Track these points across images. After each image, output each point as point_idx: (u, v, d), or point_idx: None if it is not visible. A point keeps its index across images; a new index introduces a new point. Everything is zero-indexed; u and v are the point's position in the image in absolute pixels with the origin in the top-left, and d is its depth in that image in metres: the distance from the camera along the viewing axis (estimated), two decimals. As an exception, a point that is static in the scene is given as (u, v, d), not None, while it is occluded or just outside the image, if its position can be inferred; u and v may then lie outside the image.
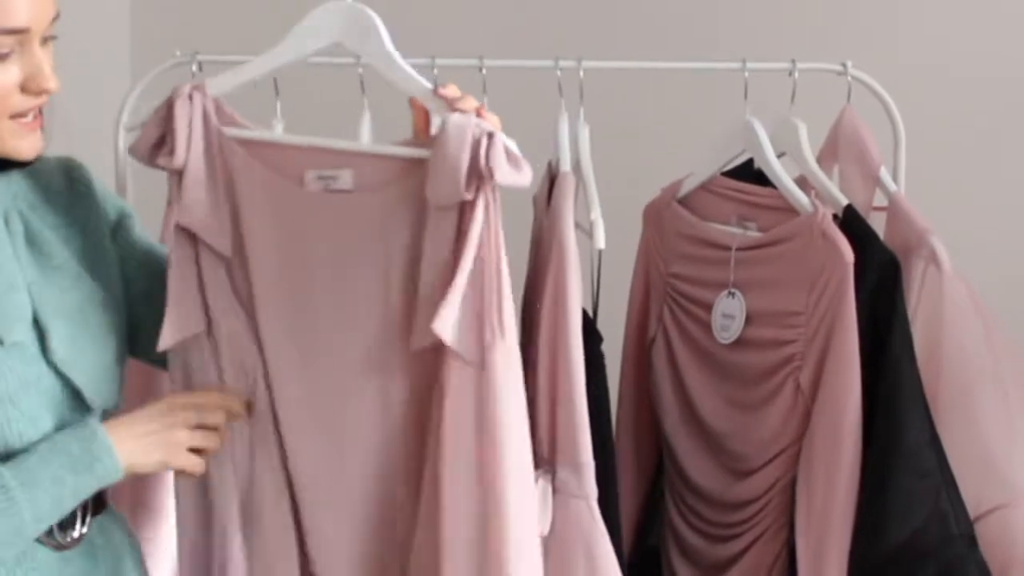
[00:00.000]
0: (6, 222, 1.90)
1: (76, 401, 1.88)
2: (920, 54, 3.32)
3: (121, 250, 2.05)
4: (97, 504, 1.93)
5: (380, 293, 2.00)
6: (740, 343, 2.48)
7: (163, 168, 2.01)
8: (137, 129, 2.08)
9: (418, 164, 1.96)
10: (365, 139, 2.49)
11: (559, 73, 2.52)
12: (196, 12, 3.54)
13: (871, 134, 2.56)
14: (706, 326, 2.54)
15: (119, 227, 2.06)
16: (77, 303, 1.92)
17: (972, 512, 2.34)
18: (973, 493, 2.35)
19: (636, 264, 2.69)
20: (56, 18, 1.86)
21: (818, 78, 2.61)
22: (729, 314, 2.50)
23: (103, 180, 2.10)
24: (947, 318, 2.38)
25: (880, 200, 2.55)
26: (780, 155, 2.52)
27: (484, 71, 2.50)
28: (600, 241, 2.30)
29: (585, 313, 2.33)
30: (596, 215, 2.33)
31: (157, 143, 2.01)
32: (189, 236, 2.03)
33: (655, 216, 2.66)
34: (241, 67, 2.07)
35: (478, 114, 1.95)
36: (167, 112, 1.99)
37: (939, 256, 2.38)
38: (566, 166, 2.43)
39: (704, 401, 2.55)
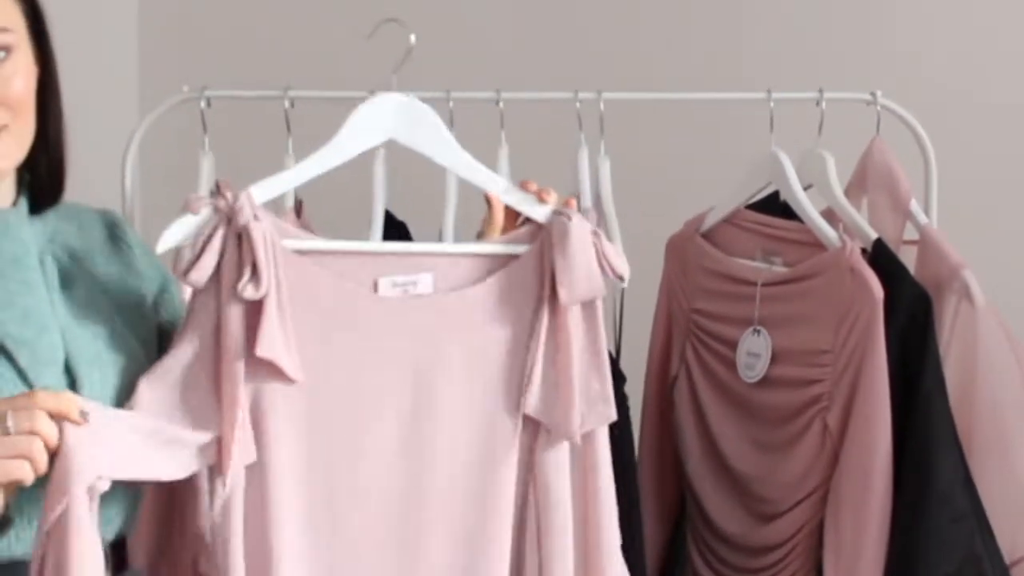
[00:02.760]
0: (41, 263, 1.91)
1: None
2: (951, 83, 3.32)
3: (161, 319, 2.04)
4: (117, 567, 1.92)
5: (469, 396, 1.94)
6: (766, 382, 2.48)
7: (243, 298, 1.82)
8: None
9: (505, 259, 1.94)
10: (379, 174, 2.49)
11: (579, 105, 2.53)
12: (204, 47, 3.56)
13: (901, 165, 2.56)
14: (731, 364, 2.54)
15: (162, 295, 2.04)
16: (111, 355, 1.90)
17: (1008, 557, 2.34)
18: (1009, 537, 2.34)
19: (658, 300, 2.69)
20: (1, 32, 1.84)
21: (846, 108, 2.61)
22: (754, 352, 2.49)
23: (144, 240, 2.07)
24: (981, 355, 2.37)
25: (911, 233, 2.54)
26: (807, 187, 2.52)
27: (501, 104, 2.50)
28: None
29: (608, 353, 2.32)
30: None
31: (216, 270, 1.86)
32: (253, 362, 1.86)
33: (678, 251, 2.66)
34: (287, 173, 1.98)
35: (566, 203, 1.98)
36: (238, 238, 1.84)
37: (972, 291, 2.37)
38: (587, 201, 2.44)
39: (728, 442, 2.55)
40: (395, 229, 2.50)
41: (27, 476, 1.68)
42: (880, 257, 2.38)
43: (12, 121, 1.84)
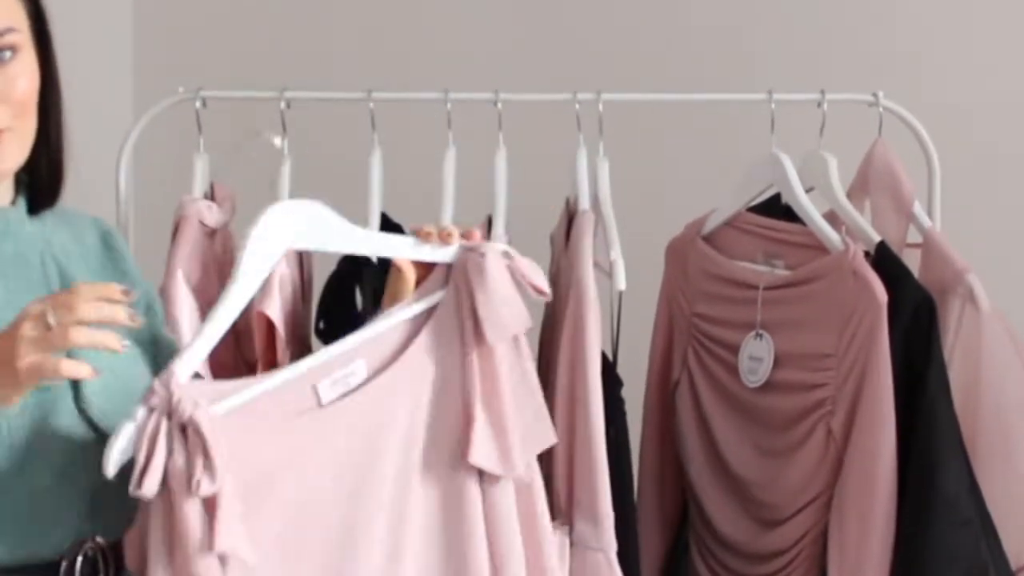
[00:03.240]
0: (42, 264, 1.90)
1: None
2: (954, 83, 3.31)
3: (152, 328, 2.02)
4: (118, 567, 1.91)
5: (428, 460, 1.90)
6: (768, 387, 2.46)
7: (189, 498, 1.70)
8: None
9: (425, 316, 1.90)
10: (375, 177, 2.48)
11: (577, 107, 2.51)
12: (199, 48, 3.55)
13: (904, 168, 2.55)
14: (732, 369, 2.53)
15: (150, 310, 2.03)
16: (111, 359, 1.90)
17: (1014, 563, 2.33)
18: (1015, 543, 2.33)
19: (659, 304, 2.68)
20: (7, 32, 1.83)
21: (848, 109, 2.60)
22: (757, 356, 2.48)
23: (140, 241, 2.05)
24: (985, 360, 2.36)
25: (914, 236, 2.53)
26: (809, 190, 2.51)
27: (499, 105, 2.49)
28: (621, 282, 2.30)
29: (604, 357, 2.32)
30: (616, 254, 2.32)
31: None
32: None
33: (678, 254, 2.65)
34: (203, 338, 1.78)
35: (468, 236, 1.92)
36: (193, 429, 1.70)
37: (977, 295, 2.36)
38: (585, 203, 2.43)
39: (730, 447, 2.54)
40: (392, 232, 2.48)
41: (75, 371, 1.68)
42: (883, 260, 2.37)
43: (16, 122, 1.85)
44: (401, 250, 1.92)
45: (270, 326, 2.29)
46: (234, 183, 2.51)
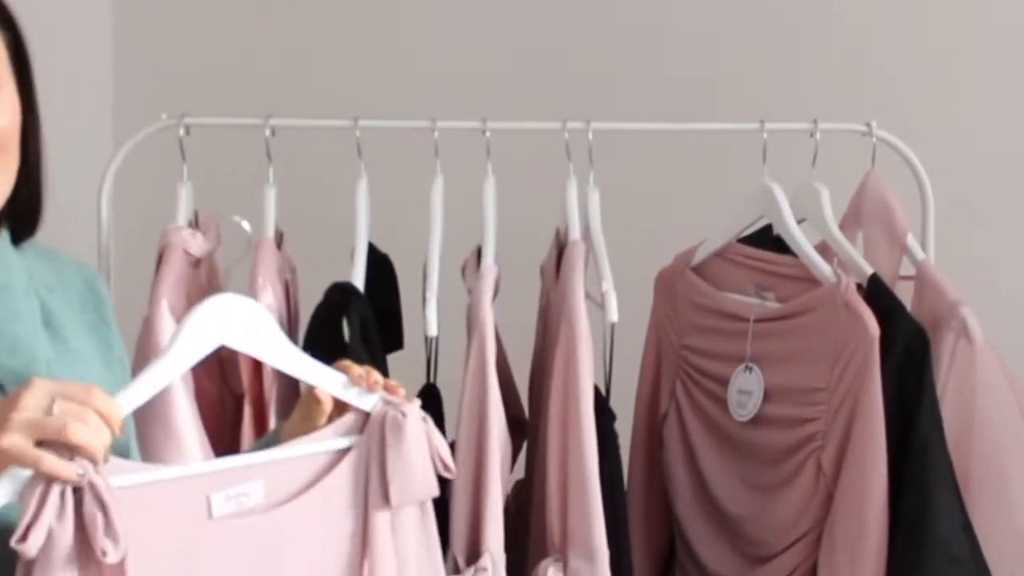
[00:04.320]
0: (26, 295, 1.89)
1: None
2: (949, 113, 3.31)
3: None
4: None
5: None
6: (758, 421, 2.46)
7: (108, 563, 1.60)
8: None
9: (334, 454, 1.82)
10: (362, 206, 2.47)
11: (567, 135, 2.51)
12: (181, 73, 3.54)
13: (897, 199, 2.55)
14: (721, 402, 2.52)
15: (122, 365, 2.00)
16: None
17: (1007, 602, 2.32)
18: (1008, 581, 2.33)
19: (647, 336, 2.68)
20: None
21: (841, 139, 2.60)
22: (746, 390, 2.48)
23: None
24: (979, 395, 2.36)
25: (907, 269, 2.53)
26: (800, 221, 2.51)
27: (488, 133, 2.49)
28: (613, 314, 2.29)
29: (597, 390, 2.31)
30: (608, 286, 2.32)
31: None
32: None
33: (668, 285, 2.64)
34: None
35: (390, 389, 1.85)
36: (89, 490, 1.60)
37: (970, 329, 2.36)
38: (575, 234, 2.43)
39: (719, 482, 2.53)
40: (378, 262, 2.48)
41: (59, 471, 1.57)
42: (876, 293, 2.37)
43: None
44: (328, 383, 1.84)
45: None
46: (219, 212, 2.51)
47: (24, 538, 1.55)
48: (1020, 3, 3.31)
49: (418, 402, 1.82)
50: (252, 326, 1.77)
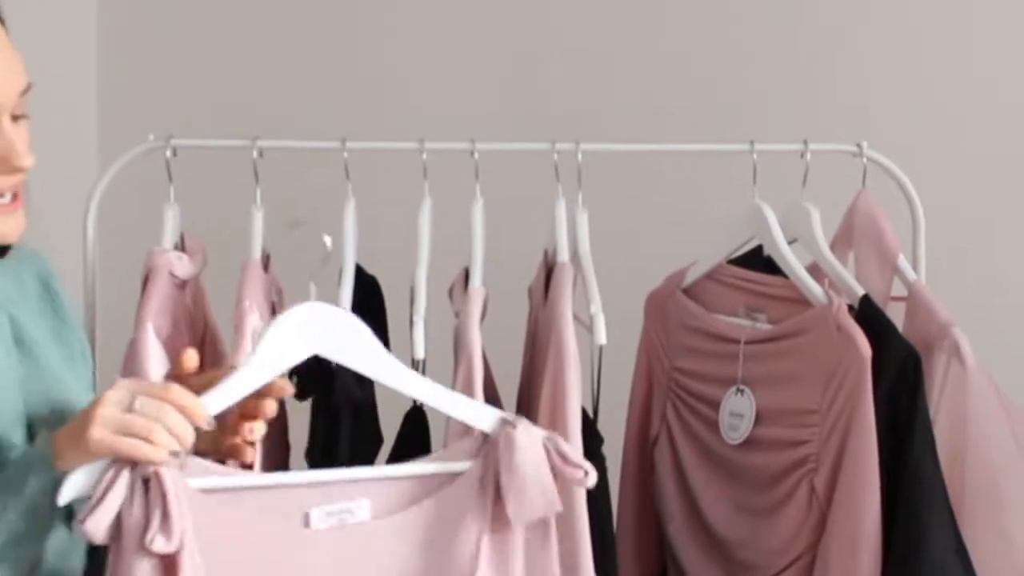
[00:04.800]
0: None
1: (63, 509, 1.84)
2: (939, 134, 3.32)
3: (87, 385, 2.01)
4: None
5: None
6: (749, 443, 2.46)
7: (156, 550, 1.67)
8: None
9: (444, 478, 1.83)
10: (349, 228, 2.47)
11: (556, 156, 2.50)
12: (168, 94, 3.54)
13: (888, 219, 2.55)
14: (713, 425, 2.52)
15: (85, 359, 2.01)
16: (60, 409, 1.88)
17: (1002, 625, 2.32)
18: (1004, 605, 2.32)
19: (638, 358, 2.67)
20: (27, 91, 1.83)
21: (831, 160, 2.60)
22: (738, 412, 2.48)
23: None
24: (972, 417, 2.36)
25: (899, 290, 2.53)
26: (791, 242, 2.51)
27: (476, 155, 2.48)
28: (601, 336, 2.29)
29: (585, 413, 2.31)
30: (596, 308, 2.31)
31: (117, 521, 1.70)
32: None
33: (658, 307, 2.64)
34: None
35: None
36: (145, 484, 1.68)
37: (962, 350, 2.35)
38: (564, 255, 2.42)
39: (711, 506, 2.52)
40: (365, 284, 2.47)
41: (144, 454, 1.66)
42: (867, 314, 2.37)
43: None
44: (437, 400, 1.86)
45: None
46: (205, 235, 2.50)
47: (85, 520, 1.64)
48: (1011, 26, 3.31)
49: (533, 426, 1.83)
50: (341, 335, 1.79)
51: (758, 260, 2.57)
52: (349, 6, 3.57)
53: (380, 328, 2.52)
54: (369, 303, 2.46)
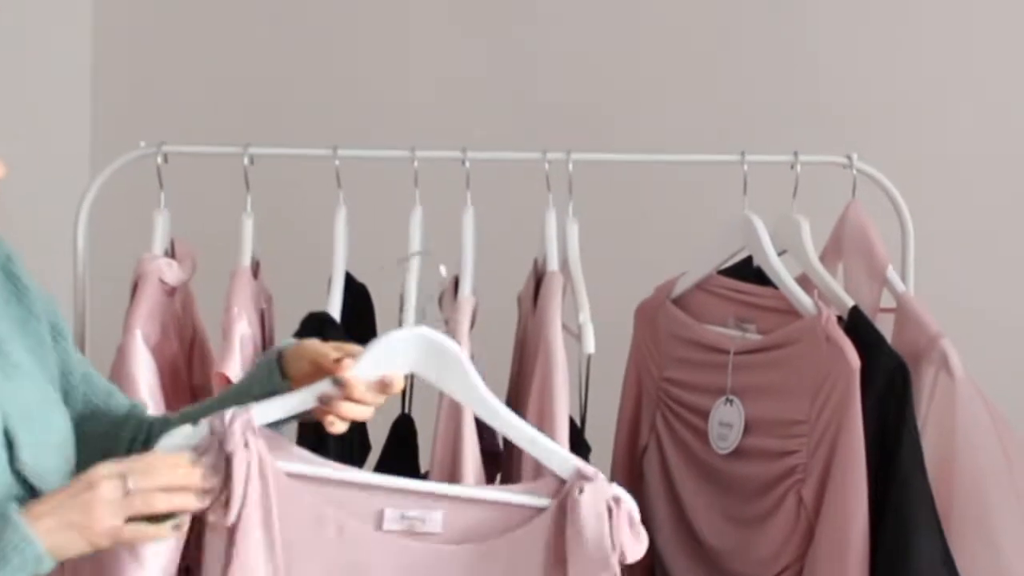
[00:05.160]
0: None
1: None
2: (928, 145, 3.33)
3: (61, 357, 2.01)
4: None
5: None
6: (738, 453, 2.46)
7: (210, 523, 1.84)
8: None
9: (520, 511, 1.89)
10: (340, 235, 2.47)
11: (547, 166, 2.51)
12: (159, 101, 3.54)
13: (877, 231, 2.55)
14: (702, 435, 2.52)
15: (58, 332, 1.99)
16: (34, 405, 1.87)
17: (989, 637, 2.32)
18: (991, 616, 2.32)
19: (627, 368, 2.67)
20: None
21: (821, 171, 2.60)
22: (727, 422, 2.48)
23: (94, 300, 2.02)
24: (960, 428, 2.36)
25: (888, 301, 2.53)
26: (781, 253, 2.51)
27: (467, 163, 2.49)
28: (590, 345, 2.29)
29: (572, 422, 2.31)
30: (585, 317, 2.31)
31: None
32: None
33: (648, 317, 2.64)
34: (292, 395, 1.87)
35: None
36: (225, 466, 1.82)
37: (951, 362, 2.36)
38: (553, 264, 2.42)
39: (700, 515, 2.52)
40: (355, 292, 2.48)
41: (149, 537, 1.77)
42: (856, 325, 2.37)
43: None
44: (521, 437, 1.92)
45: (230, 386, 2.27)
46: (196, 241, 2.50)
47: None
48: (1000, 39, 3.32)
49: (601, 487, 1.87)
50: (443, 361, 1.86)
51: (748, 271, 2.57)
52: (341, 16, 3.57)
53: (369, 336, 2.52)
54: (358, 311, 2.47)
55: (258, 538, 1.82)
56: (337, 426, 1.86)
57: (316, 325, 2.35)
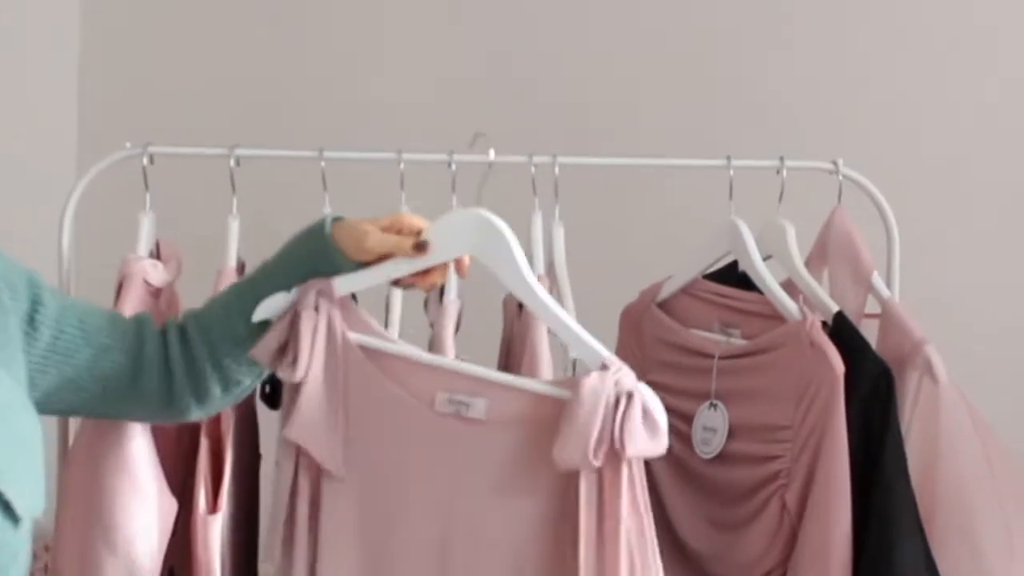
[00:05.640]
0: None
1: (5, 513, 1.85)
2: (915, 151, 3.34)
3: (51, 329, 2.01)
4: None
5: (502, 551, 1.99)
6: (722, 458, 2.47)
7: (282, 378, 2.04)
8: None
9: (556, 404, 1.94)
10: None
11: (533, 169, 2.51)
12: (145, 101, 3.54)
13: (863, 236, 2.56)
14: (686, 439, 2.53)
15: (37, 306, 2.00)
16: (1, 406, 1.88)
17: (972, 644, 2.32)
18: (974, 622, 2.33)
19: (613, 372, 2.67)
20: None
21: (807, 176, 2.61)
22: (711, 427, 2.48)
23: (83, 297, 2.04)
24: (943, 434, 2.36)
25: (872, 307, 2.54)
26: (766, 258, 2.52)
27: (453, 167, 2.49)
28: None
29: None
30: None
31: (280, 348, 2.03)
32: (297, 448, 2.05)
33: (633, 321, 2.65)
34: (372, 271, 2.04)
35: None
36: (292, 321, 2.02)
37: (935, 368, 2.37)
38: (539, 268, 2.42)
39: (683, 520, 2.53)
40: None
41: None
42: (841, 331, 2.38)
43: None
44: (557, 326, 2.02)
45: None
46: (182, 242, 2.50)
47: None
48: (986, 42, 3.33)
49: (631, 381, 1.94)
50: (497, 247, 2.01)
51: (733, 275, 2.58)
52: (327, 17, 3.58)
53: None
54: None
55: (321, 397, 1.99)
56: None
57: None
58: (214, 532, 2.25)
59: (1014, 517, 2.37)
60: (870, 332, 2.45)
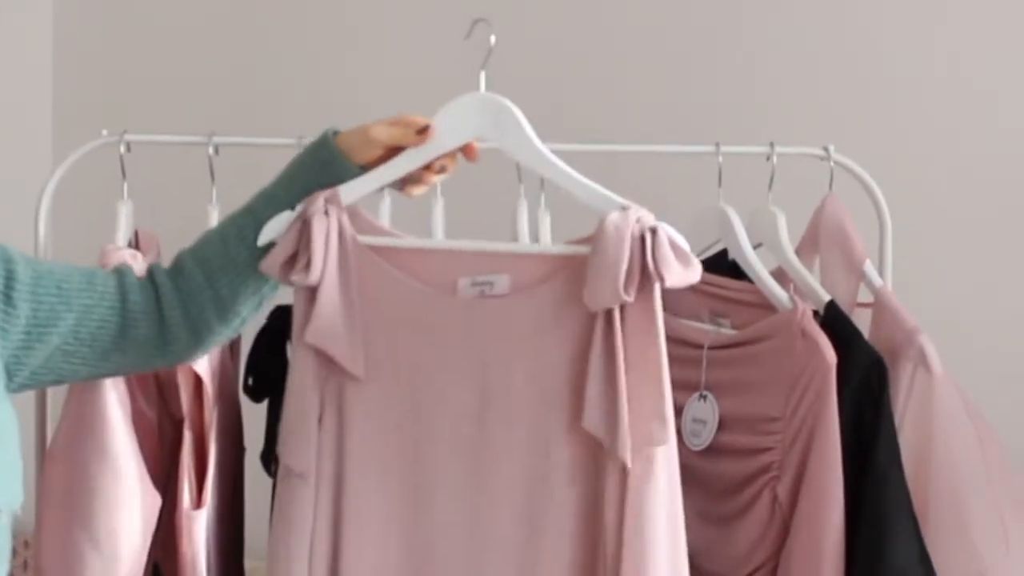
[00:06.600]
0: None
1: None
2: (907, 138, 3.34)
3: (29, 303, 2.00)
4: None
5: (537, 397, 2.05)
6: (712, 450, 2.46)
7: (295, 285, 2.07)
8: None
9: (576, 261, 2.02)
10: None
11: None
12: (122, 89, 3.53)
13: (855, 224, 2.55)
14: (675, 431, 2.51)
15: (11, 283, 1.99)
16: None
17: (966, 636, 2.32)
18: (968, 614, 2.33)
19: (600, 362, 2.67)
20: None
21: (798, 163, 2.59)
22: (700, 419, 2.48)
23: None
24: (937, 425, 2.36)
25: (865, 296, 2.53)
26: (756, 246, 2.51)
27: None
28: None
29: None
30: (557, 310, 2.32)
31: (289, 259, 2.07)
32: (316, 356, 2.07)
33: (621, 311, 2.64)
34: (376, 172, 2.11)
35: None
36: (302, 228, 2.05)
37: (928, 357, 2.36)
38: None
39: (673, 513, 2.52)
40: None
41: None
42: (833, 320, 2.37)
43: None
44: (568, 182, 2.10)
45: (198, 381, 2.27)
46: (160, 231, 2.50)
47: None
48: (977, 32, 3.34)
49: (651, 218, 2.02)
50: (504, 121, 2.10)
51: (723, 264, 2.57)
52: (309, 5, 3.57)
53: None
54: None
55: (337, 298, 2.03)
56: (418, 190, 2.15)
57: (284, 317, 2.35)
58: (199, 527, 2.24)
59: (1008, 509, 2.37)
60: (862, 321, 2.45)
